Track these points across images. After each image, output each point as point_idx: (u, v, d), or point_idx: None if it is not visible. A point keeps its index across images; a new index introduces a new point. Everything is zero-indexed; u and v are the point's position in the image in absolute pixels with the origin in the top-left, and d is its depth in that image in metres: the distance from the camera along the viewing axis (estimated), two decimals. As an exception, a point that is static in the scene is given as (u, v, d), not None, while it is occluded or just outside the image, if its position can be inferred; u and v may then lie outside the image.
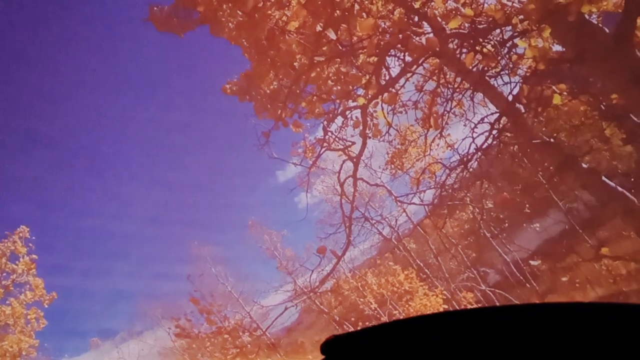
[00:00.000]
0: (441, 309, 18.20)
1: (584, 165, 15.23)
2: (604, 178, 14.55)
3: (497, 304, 17.74)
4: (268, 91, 11.20)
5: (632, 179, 15.49)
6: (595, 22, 13.40)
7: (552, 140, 15.86)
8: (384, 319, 18.23)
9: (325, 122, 14.71)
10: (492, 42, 14.14)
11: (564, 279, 16.84)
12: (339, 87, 13.96)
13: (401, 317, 18.55)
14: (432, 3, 12.61)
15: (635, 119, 13.46)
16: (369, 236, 20.49)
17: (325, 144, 15.78)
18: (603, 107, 16.21)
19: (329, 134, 15.43)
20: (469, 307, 18.28)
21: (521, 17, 12.68)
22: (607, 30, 13.10)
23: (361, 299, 19.01)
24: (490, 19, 13.99)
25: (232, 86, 11.04)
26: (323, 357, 1.43)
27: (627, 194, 14.08)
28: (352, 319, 19.46)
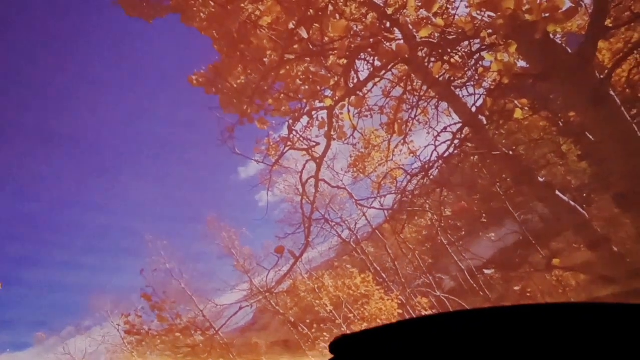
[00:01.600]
0: (396, 314, 18.49)
1: (540, 179, 15.82)
2: (558, 192, 15.17)
3: (451, 310, 18.17)
4: (235, 85, 11.04)
5: (585, 194, 16.21)
6: (560, 42, 13.93)
7: (511, 152, 16.39)
8: (339, 322, 18.35)
9: (290, 121, 14.65)
10: (460, 54, 14.46)
11: (516, 288, 17.46)
12: (307, 87, 13.93)
13: (355, 320, 18.76)
14: (405, 10, 12.77)
15: (591, 137, 14.09)
16: (328, 238, 20.59)
17: (289, 143, 15.72)
18: (561, 124, 16.94)
19: (294, 133, 15.40)
20: (424, 312, 18.67)
21: (490, 31, 13.02)
22: (569, 51, 13.65)
23: (317, 301, 19.04)
24: (460, 30, 14.29)
25: (198, 77, 10.81)
26: (332, 356, 1.44)
27: (579, 208, 14.74)
28: (308, 320, 19.46)
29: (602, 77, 13.33)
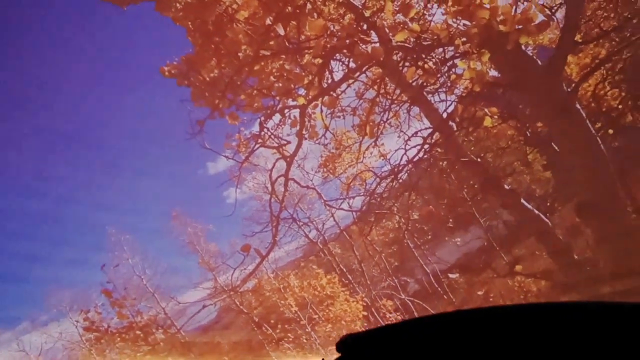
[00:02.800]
0: (360, 316, 18.61)
1: (506, 186, 16.22)
2: (522, 200, 15.60)
3: (415, 313, 18.44)
4: (208, 78, 10.84)
5: (548, 203, 16.69)
6: (531, 54, 14.29)
7: (479, 159, 16.75)
8: (304, 322, 18.32)
9: (262, 118, 14.53)
10: (433, 60, 14.65)
11: (479, 292, 17.84)
12: (280, 84, 13.84)
13: (320, 321, 18.79)
14: (382, 14, 12.84)
15: (556, 147, 14.51)
16: (295, 238, 20.55)
17: (260, 140, 15.58)
18: (528, 134, 17.40)
19: (265, 130, 15.27)
20: (389, 315, 18.86)
21: (464, 39, 13.23)
22: (540, 63, 14.03)
23: (282, 301, 18.95)
24: (435, 37, 14.48)
25: (171, 69, 10.56)
26: (338, 355, 1.45)
27: (543, 216, 15.19)
28: (272, 320, 19.35)
29: (569, 90, 13.78)
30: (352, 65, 15.25)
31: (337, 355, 1.45)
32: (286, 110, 14.73)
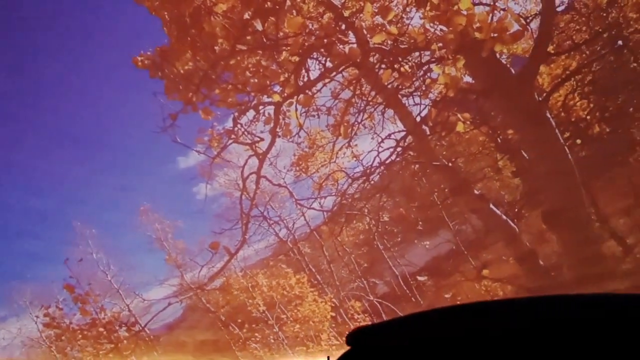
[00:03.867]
0: (329, 317, 18.62)
1: (476, 192, 16.52)
2: (491, 205, 15.92)
3: (384, 315, 18.57)
4: (182, 71, 10.62)
5: (516, 209, 17.07)
6: (504, 62, 14.57)
7: (450, 164, 17.01)
8: (271, 322, 18.21)
9: (236, 114, 14.38)
10: (410, 63, 14.80)
11: (446, 295, 18.12)
12: (256, 80, 13.72)
13: (288, 322, 18.72)
14: (361, 15, 12.87)
15: (526, 155, 14.85)
16: (265, 236, 20.39)
17: (233, 136, 15.42)
18: (499, 140, 17.79)
19: (239, 126, 15.11)
20: (357, 316, 18.94)
21: (440, 44, 13.40)
22: (513, 71, 14.33)
23: (250, 300, 18.77)
24: (412, 41, 14.60)
25: (144, 59, 10.30)
26: (348, 348, 1.49)
27: (510, 222, 15.54)
28: (239, 320, 19.14)
29: (540, 99, 14.13)
30: (328, 64, 15.26)
31: (337, 353, 1.51)
32: (261, 107, 14.62)
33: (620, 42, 14.84)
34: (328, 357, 2.13)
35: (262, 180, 17.23)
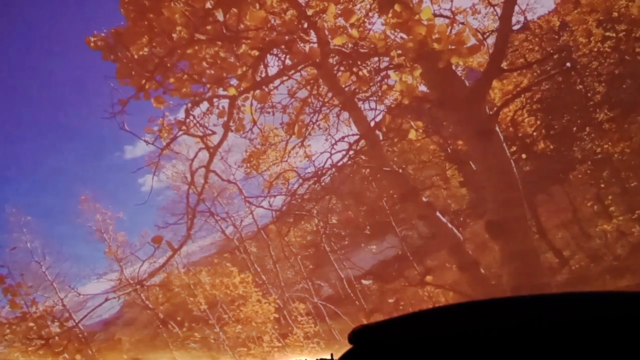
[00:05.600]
0: (272, 318, 18.47)
1: (424, 199, 16.96)
2: (438, 213, 16.38)
3: (327, 317, 18.67)
4: (136, 56, 10.18)
5: (461, 218, 17.66)
6: (460, 75, 15.04)
7: (401, 170, 17.37)
8: (212, 322, 17.83)
9: (189, 105, 14.01)
10: (368, 68, 14.97)
11: (390, 300, 18.47)
12: (212, 72, 13.43)
13: (230, 322, 18.39)
14: (324, 15, 12.88)
15: (474, 166, 15.37)
16: (211, 233, 20.04)
17: (184, 127, 14.98)
18: (449, 150, 18.37)
19: (191, 117, 14.71)
20: (300, 318, 18.91)
21: (399, 52, 13.62)
22: (467, 84, 14.80)
23: (191, 298, 18.31)
24: (372, 46, 14.77)
25: (97, 40, 9.78)
26: (351, 346, 1.49)
27: (455, 230, 16.04)
28: (179, 318, 18.60)
29: (491, 113, 14.68)
30: (288, 62, 15.17)
31: (334, 353, 1.49)
32: (215, 100, 14.31)
33: (568, 64, 15.69)
34: (332, 355, 2.08)
35: (211, 175, 16.87)
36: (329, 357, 2.08)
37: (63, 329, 18.07)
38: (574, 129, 16.85)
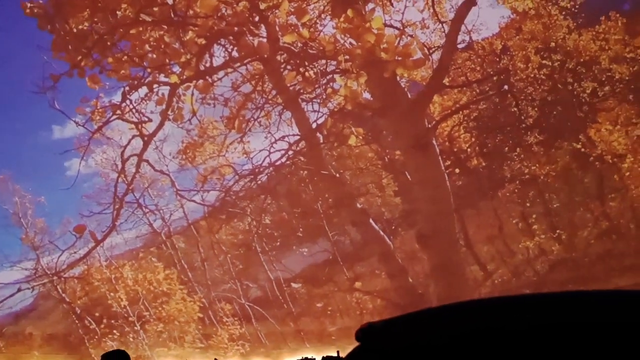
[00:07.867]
0: (196, 317, 17.99)
1: (358, 205, 17.28)
2: (371, 220, 16.75)
3: (254, 319, 18.43)
4: (75, 30, 9.54)
5: (393, 227, 18.16)
6: (403, 86, 15.50)
7: (338, 175, 17.60)
8: (133, 319, 17.04)
9: (127, 88, 13.44)
10: (315, 70, 15.07)
11: (318, 304, 18.57)
12: (155, 56, 12.99)
13: (151, 320, 17.66)
14: (277, 11, 12.85)
15: (409, 177, 15.88)
16: (137, 225, 19.19)
17: (118, 112, 14.35)
18: (387, 159, 18.89)
19: (127, 102, 14.09)
20: (225, 319, 18.53)
21: (347, 57, 13.85)
22: (409, 96, 15.28)
23: (112, 293, 17.39)
24: (321, 48, 14.90)
25: (34, 7, 9.04)
26: (358, 344, 1.49)
27: (387, 238, 16.47)
28: (97, 314, 17.57)
29: (429, 126, 15.26)
30: (234, 54, 14.94)
31: (337, 350, 1.46)
32: (155, 86, 13.83)
33: (506, 87, 16.69)
34: (338, 352, 2.03)
35: (144, 164, 16.28)
36: (336, 355, 2.06)
37: (-33, 321, 16.53)
38: (506, 148, 17.91)
